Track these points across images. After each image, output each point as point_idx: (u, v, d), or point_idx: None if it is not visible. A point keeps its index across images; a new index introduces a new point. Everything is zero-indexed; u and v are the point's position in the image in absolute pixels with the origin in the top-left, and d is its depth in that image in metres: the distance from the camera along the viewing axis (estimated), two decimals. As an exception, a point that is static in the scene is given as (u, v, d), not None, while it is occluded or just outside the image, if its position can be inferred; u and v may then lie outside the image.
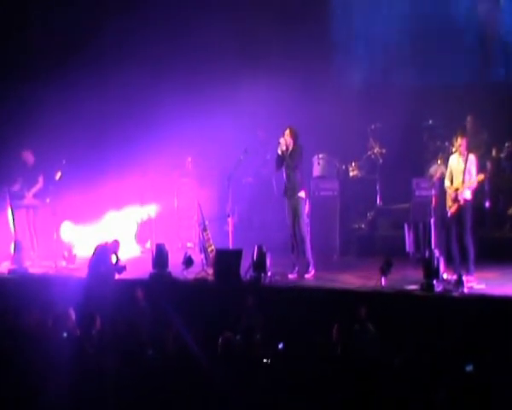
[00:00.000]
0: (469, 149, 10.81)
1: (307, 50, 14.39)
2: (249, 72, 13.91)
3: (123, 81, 14.53)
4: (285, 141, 11.52)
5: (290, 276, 11.55)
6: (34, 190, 13.47)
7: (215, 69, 14.48)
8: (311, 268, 11.59)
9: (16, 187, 13.42)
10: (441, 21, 14.84)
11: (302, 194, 11.58)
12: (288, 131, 11.56)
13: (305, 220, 11.58)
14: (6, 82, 14.76)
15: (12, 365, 7.96)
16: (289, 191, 11.56)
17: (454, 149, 10.95)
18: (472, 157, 10.75)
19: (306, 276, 11.54)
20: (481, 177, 10.79)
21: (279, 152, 11.53)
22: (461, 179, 10.67)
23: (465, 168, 10.65)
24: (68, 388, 7.54)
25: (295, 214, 11.54)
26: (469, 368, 7.23)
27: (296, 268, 11.58)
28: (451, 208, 10.71)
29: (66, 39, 14.98)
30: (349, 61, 15.32)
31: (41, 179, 13.48)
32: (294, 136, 11.55)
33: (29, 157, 13.51)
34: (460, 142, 10.72)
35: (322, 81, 14.73)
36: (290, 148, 11.54)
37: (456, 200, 10.66)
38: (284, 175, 11.63)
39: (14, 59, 15.10)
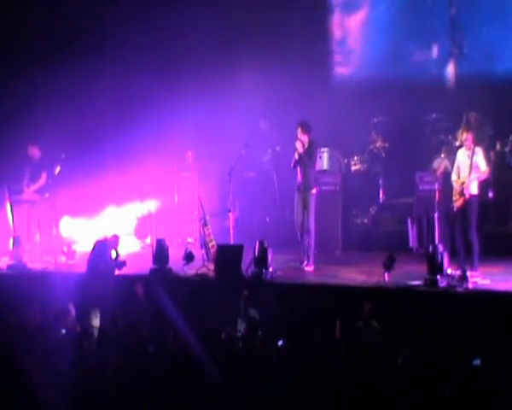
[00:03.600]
0: (475, 143, 10.71)
1: (309, 43, 14.32)
2: (250, 64, 13.88)
3: (122, 76, 14.47)
4: (301, 143, 11.56)
5: (306, 268, 11.52)
6: (36, 186, 13.39)
7: (216, 62, 14.39)
8: (311, 262, 11.59)
9: (23, 183, 13.36)
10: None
11: (314, 191, 11.67)
12: (299, 129, 11.61)
13: (313, 215, 11.59)
14: (4, 77, 14.67)
15: (11, 361, 7.88)
16: (302, 187, 11.63)
17: (458, 143, 10.86)
18: (478, 149, 10.68)
19: (306, 268, 11.55)
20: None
21: (296, 156, 11.58)
22: (467, 173, 10.60)
23: (471, 162, 10.57)
24: (68, 384, 7.47)
25: (305, 208, 11.58)
26: (476, 362, 7.13)
27: (311, 260, 11.57)
28: (457, 202, 10.62)
29: (64, 34, 14.89)
30: (351, 54, 15.21)
31: (44, 176, 13.42)
32: (307, 130, 11.63)
33: (35, 152, 13.47)
34: (466, 136, 10.65)
35: (323, 74, 14.65)
36: (306, 145, 11.59)
37: (462, 194, 10.58)
38: (299, 172, 11.66)
39: (14, 53, 15.01)
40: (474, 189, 10.62)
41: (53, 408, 7.42)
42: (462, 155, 10.76)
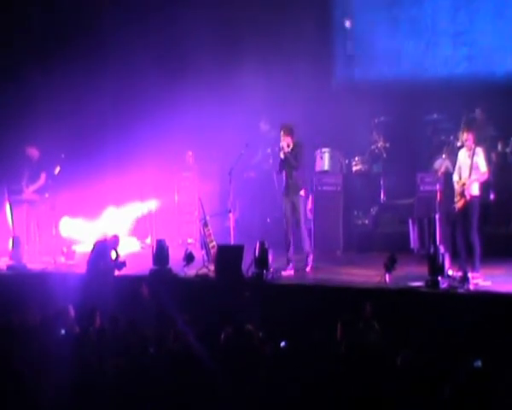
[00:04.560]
0: (476, 143, 10.68)
1: (310, 43, 14.30)
2: (251, 64, 13.84)
3: (122, 76, 14.46)
4: (286, 143, 11.46)
5: (284, 273, 11.37)
6: (35, 186, 13.38)
7: (217, 62, 14.35)
8: (309, 260, 11.54)
9: (22, 183, 13.34)
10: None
11: (302, 193, 11.56)
12: (282, 132, 11.52)
13: (304, 217, 11.52)
14: (4, 77, 14.65)
15: (11, 362, 7.84)
16: (290, 190, 11.51)
17: (460, 144, 10.83)
18: (479, 150, 10.64)
19: (307, 269, 11.50)
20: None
21: (282, 156, 11.48)
22: (468, 174, 10.55)
23: (472, 163, 10.53)
24: (68, 384, 7.43)
25: (295, 211, 11.48)
26: (477, 364, 7.09)
27: (291, 265, 11.47)
28: (458, 203, 10.58)
29: (64, 34, 14.87)
30: (352, 54, 15.20)
31: (43, 176, 13.44)
32: (290, 132, 11.51)
33: (34, 153, 13.47)
34: (466, 136, 10.61)
35: (325, 74, 14.63)
36: (291, 146, 11.49)
37: (462, 195, 10.54)
38: (285, 174, 11.56)
39: (13, 53, 15.00)
40: (475, 190, 10.57)
41: (52, 408, 7.39)
42: (462, 156, 10.72)
